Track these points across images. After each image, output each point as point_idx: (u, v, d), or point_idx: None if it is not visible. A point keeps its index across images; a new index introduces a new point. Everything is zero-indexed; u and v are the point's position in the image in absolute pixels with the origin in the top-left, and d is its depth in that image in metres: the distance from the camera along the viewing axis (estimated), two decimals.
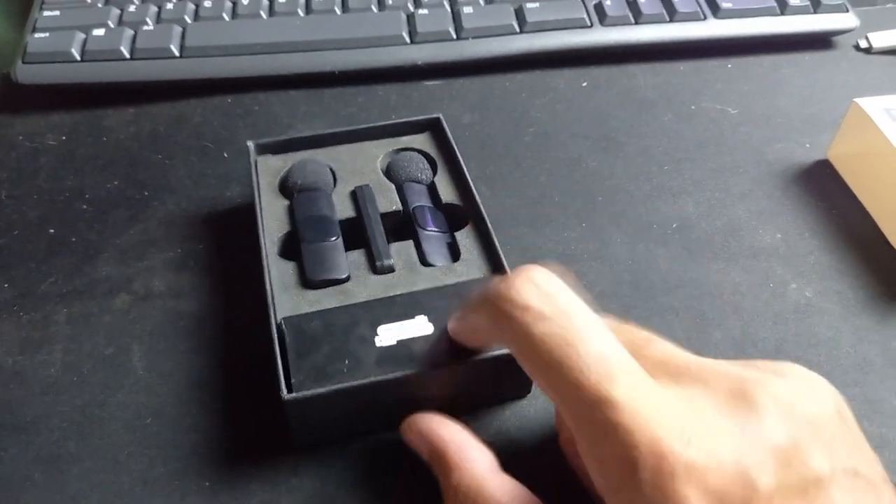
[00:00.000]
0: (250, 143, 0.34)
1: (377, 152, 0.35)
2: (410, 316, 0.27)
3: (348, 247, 0.30)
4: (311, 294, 0.29)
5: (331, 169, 0.34)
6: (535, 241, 0.34)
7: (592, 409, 0.18)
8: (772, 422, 0.19)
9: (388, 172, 0.34)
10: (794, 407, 0.19)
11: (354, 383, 0.25)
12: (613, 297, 0.32)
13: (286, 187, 0.33)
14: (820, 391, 0.20)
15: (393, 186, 0.33)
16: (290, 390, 0.25)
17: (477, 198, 0.32)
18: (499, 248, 0.30)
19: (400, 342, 0.26)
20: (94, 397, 0.29)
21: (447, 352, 0.26)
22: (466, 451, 0.23)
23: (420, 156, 0.35)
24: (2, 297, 0.33)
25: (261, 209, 0.31)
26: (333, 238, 0.30)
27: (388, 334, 0.26)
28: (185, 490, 0.26)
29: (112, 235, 0.35)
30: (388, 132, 0.35)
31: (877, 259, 0.33)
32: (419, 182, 0.34)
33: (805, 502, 0.18)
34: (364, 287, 0.29)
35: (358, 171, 0.34)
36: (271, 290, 0.28)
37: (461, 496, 0.22)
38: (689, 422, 0.18)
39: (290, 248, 0.31)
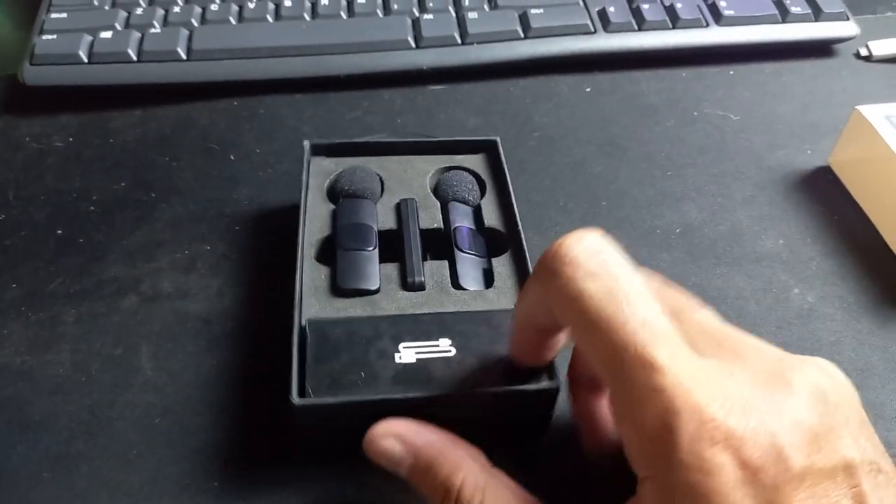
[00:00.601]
0: (306, 143, 0.34)
1: (428, 167, 0.34)
2: (434, 337, 0.26)
3: (383, 258, 0.30)
4: (339, 301, 0.28)
5: (380, 178, 0.33)
6: (540, 245, 0.34)
7: (634, 371, 0.19)
8: (806, 405, 0.19)
9: (437, 189, 0.34)
10: (826, 394, 0.19)
11: (367, 398, 0.24)
12: None
13: (333, 191, 0.33)
14: (847, 387, 0.21)
15: (438, 204, 0.33)
16: (301, 395, 0.25)
17: (520, 227, 0.31)
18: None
19: (420, 361, 0.26)
20: (102, 397, 0.29)
21: (467, 379, 0.25)
22: (462, 449, 0.23)
23: (471, 176, 0.34)
24: (10, 296, 0.33)
25: (305, 210, 0.31)
26: (370, 248, 0.30)
27: (409, 352, 0.26)
28: (194, 490, 0.26)
29: (119, 237, 0.35)
30: (443, 149, 0.35)
31: (878, 265, 0.34)
32: (465, 203, 0.33)
33: (834, 485, 0.18)
34: (392, 301, 0.29)
35: (406, 184, 0.34)
36: (301, 291, 0.28)
37: (465, 496, 0.21)
38: (730, 393, 0.18)
39: (327, 253, 0.30)
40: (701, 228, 0.35)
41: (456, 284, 0.29)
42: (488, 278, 0.30)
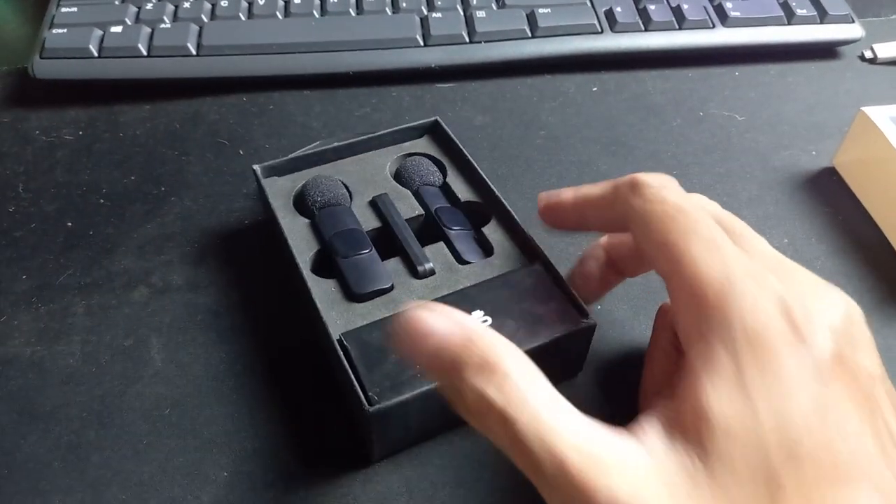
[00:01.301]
0: (257, 168, 0.33)
1: (383, 161, 0.35)
2: (467, 312, 0.27)
3: (382, 257, 0.30)
4: (360, 307, 0.28)
5: (343, 183, 0.34)
6: (547, 242, 0.35)
7: (701, 256, 0.22)
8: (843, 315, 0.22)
9: (400, 179, 0.34)
10: (857, 319, 0.22)
11: (434, 385, 0.24)
12: (624, 298, 0.33)
13: (303, 206, 0.33)
14: (855, 311, 0.23)
15: (408, 192, 0.33)
16: (370, 403, 0.24)
17: (496, 192, 0.32)
18: (530, 235, 0.30)
19: None
20: (113, 387, 0.29)
21: (514, 337, 0.25)
22: (501, 337, 0.21)
23: (427, 159, 0.35)
24: (20, 288, 0.33)
25: (285, 231, 0.31)
26: (367, 250, 0.30)
27: None
28: (203, 479, 0.27)
29: (129, 229, 0.35)
30: (388, 141, 0.36)
31: (882, 264, 0.34)
32: (433, 185, 0.34)
33: (858, 386, 0.20)
34: (410, 293, 0.29)
35: (370, 182, 0.34)
36: (319, 308, 0.28)
37: (510, 385, 0.19)
38: (781, 285, 0.21)
39: (323, 266, 0.31)
40: None
41: (461, 261, 0.30)
42: (485, 248, 0.31)
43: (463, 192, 0.34)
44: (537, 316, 0.27)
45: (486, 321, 0.27)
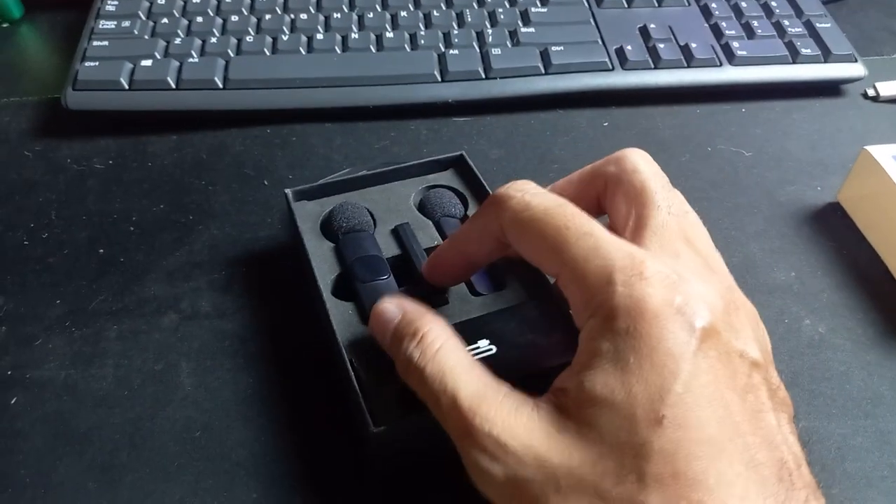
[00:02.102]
0: (288, 192, 0.35)
1: (408, 191, 0.36)
2: (473, 340, 0.28)
3: (399, 284, 0.32)
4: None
5: (368, 210, 0.35)
6: None
7: (580, 242, 0.23)
8: (725, 297, 0.23)
9: (422, 210, 0.36)
10: (744, 308, 0.24)
11: None
12: None
13: (329, 230, 0.34)
14: (742, 303, 0.25)
15: (429, 223, 0.35)
16: (375, 424, 0.26)
17: None
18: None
19: None
20: (144, 411, 0.30)
21: (513, 366, 0.27)
22: (438, 317, 0.26)
23: (450, 192, 0.36)
24: (54, 313, 0.34)
25: (310, 253, 0.33)
26: (385, 276, 0.31)
27: None
28: (233, 501, 0.28)
29: (159, 257, 0.37)
30: (415, 172, 0.37)
31: (886, 297, 0.35)
32: (454, 216, 0.35)
33: (729, 363, 0.22)
34: None
35: (394, 211, 0.35)
36: (335, 330, 0.29)
37: (427, 340, 0.24)
38: (664, 259, 0.23)
39: (343, 289, 0.32)
40: None
41: (473, 292, 0.31)
42: (498, 281, 0.32)
43: None
44: (540, 346, 0.28)
45: (490, 350, 0.28)
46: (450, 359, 0.24)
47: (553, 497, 0.21)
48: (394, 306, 0.26)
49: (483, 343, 0.28)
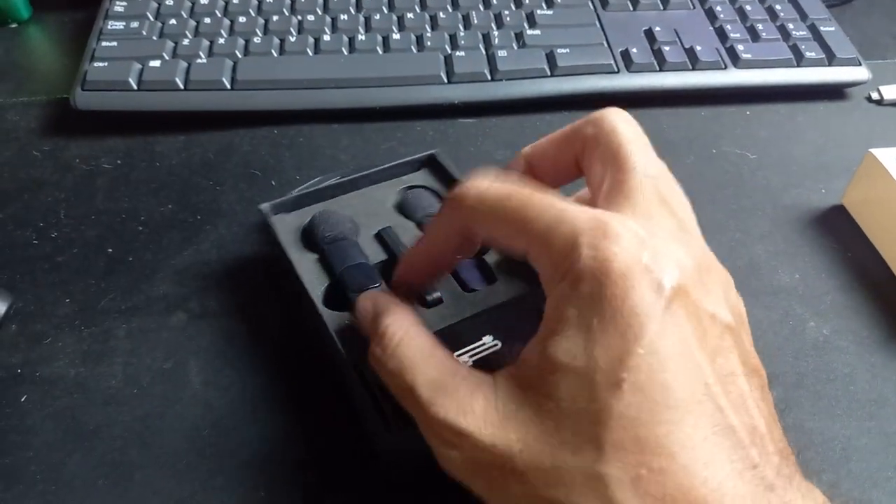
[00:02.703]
0: (264, 207, 0.34)
1: (386, 194, 0.36)
2: (477, 338, 0.28)
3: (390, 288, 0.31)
4: None
5: (350, 217, 0.34)
6: None
7: (545, 214, 0.22)
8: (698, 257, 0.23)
9: (402, 211, 0.35)
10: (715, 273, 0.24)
11: None
12: None
13: (311, 241, 0.33)
14: (714, 266, 0.24)
15: (411, 224, 0.35)
16: (388, 431, 0.26)
17: None
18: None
19: (476, 362, 0.27)
20: (153, 408, 0.31)
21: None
22: (401, 306, 0.26)
23: (427, 192, 0.36)
24: (63, 311, 0.34)
25: (296, 266, 0.32)
26: (377, 284, 0.31)
27: (464, 358, 0.27)
28: (241, 499, 0.28)
29: (167, 256, 0.37)
30: (388, 175, 0.37)
31: (890, 300, 0.35)
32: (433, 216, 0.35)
33: (699, 324, 0.21)
34: None
35: (374, 215, 0.35)
36: (336, 341, 0.29)
37: (388, 335, 0.24)
38: (631, 221, 0.22)
39: (334, 299, 0.31)
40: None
41: (466, 288, 0.31)
42: (488, 275, 0.32)
43: None
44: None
45: (495, 345, 0.28)
46: (408, 351, 0.24)
47: (510, 477, 0.21)
48: (368, 303, 0.27)
49: (487, 339, 0.28)
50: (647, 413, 0.20)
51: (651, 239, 0.21)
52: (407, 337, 0.24)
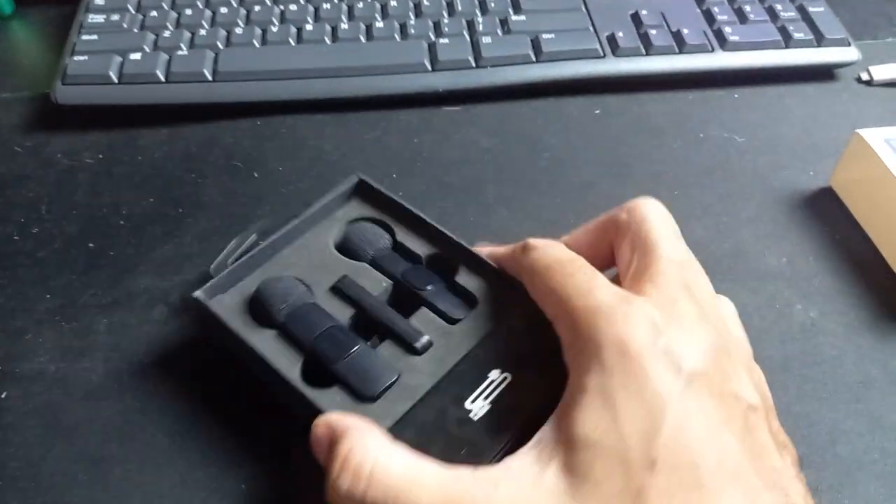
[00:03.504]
0: (198, 294, 0.30)
1: (324, 239, 0.33)
2: (483, 376, 0.26)
3: (368, 343, 0.29)
4: (376, 407, 0.26)
5: (297, 279, 0.31)
6: None
7: (573, 290, 0.24)
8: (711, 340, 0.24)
9: (349, 254, 0.32)
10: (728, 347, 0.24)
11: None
12: None
13: (264, 317, 0.30)
14: (735, 347, 0.25)
15: (365, 265, 0.32)
16: None
17: (454, 237, 0.31)
18: (506, 272, 0.29)
19: (493, 403, 0.25)
20: (134, 403, 0.31)
21: (538, 385, 0.26)
22: (363, 426, 0.23)
23: (368, 224, 0.33)
24: (44, 306, 0.34)
25: (261, 351, 0.28)
26: (357, 346, 0.28)
27: (479, 403, 0.26)
28: (222, 493, 0.28)
29: (148, 250, 0.37)
30: (318, 216, 0.33)
31: (878, 282, 0.35)
32: (386, 249, 0.32)
33: (723, 404, 0.22)
34: (417, 373, 0.27)
35: (321, 268, 0.31)
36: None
37: (352, 463, 0.22)
38: (650, 303, 0.23)
39: (313, 377, 0.28)
40: (707, 246, 0.37)
41: (450, 320, 0.29)
42: (468, 298, 0.30)
43: (418, 246, 0.32)
44: (548, 353, 0.26)
45: (505, 378, 0.26)
46: (390, 476, 0.21)
47: None
48: (321, 428, 0.24)
49: (494, 374, 0.26)
50: (683, 491, 0.20)
51: (668, 325, 0.22)
52: (382, 457, 0.22)
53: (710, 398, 0.21)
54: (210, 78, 0.43)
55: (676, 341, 0.22)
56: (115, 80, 0.43)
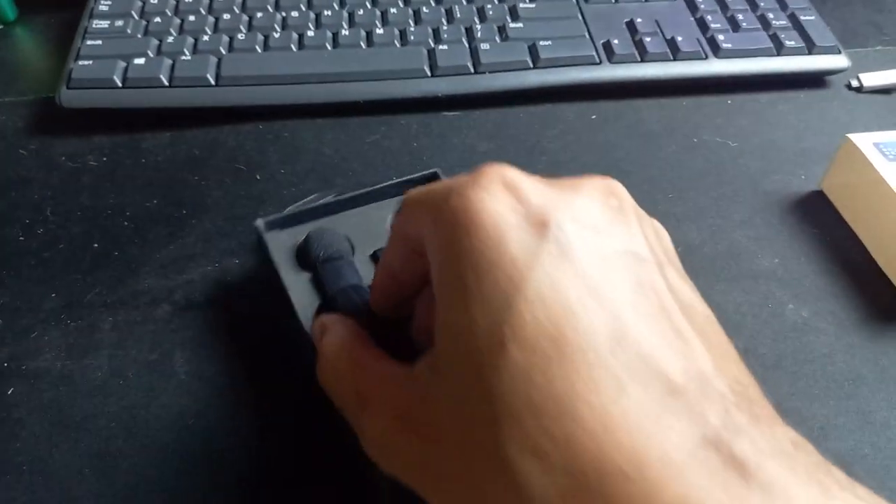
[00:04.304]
0: (259, 222, 0.33)
1: (384, 214, 0.35)
2: None
3: None
4: None
5: (346, 236, 0.34)
6: None
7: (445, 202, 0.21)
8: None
9: None
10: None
11: None
12: None
13: (305, 259, 0.33)
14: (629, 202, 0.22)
15: None
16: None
17: None
18: None
19: None
20: (139, 399, 0.31)
21: None
22: (346, 320, 0.26)
23: None
24: (49, 305, 0.35)
25: (287, 286, 0.31)
26: (364, 308, 0.29)
27: None
28: (226, 485, 0.28)
29: (152, 250, 0.37)
30: (388, 193, 0.36)
31: (868, 283, 0.36)
32: None
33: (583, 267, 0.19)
34: None
35: (372, 235, 0.34)
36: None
37: (323, 358, 0.25)
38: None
39: None
40: (701, 248, 0.38)
41: None
42: None
43: None
44: None
45: None
46: (338, 365, 0.25)
47: (430, 483, 0.20)
48: (317, 325, 0.27)
49: None
50: (539, 371, 0.17)
51: (524, 181, 0.19)
52: (342, 350, 0.25)
53: (584, 256, 0.18)
54: (213, 82, 0.44)
55: (536, 194, 0.19)
56: (120, 85, 0.44)
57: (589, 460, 0.16)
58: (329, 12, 0.48)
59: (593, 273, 0.18)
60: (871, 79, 0.48)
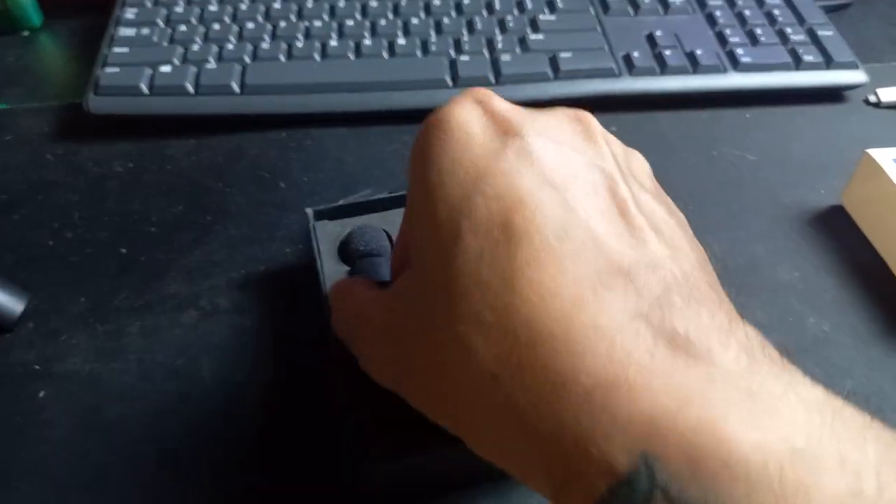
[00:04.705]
0: (309, 211, 0.35)
1: None
2: None
3: None
4: None
5: (387, 234, 0.35)
6: None
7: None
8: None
9: None
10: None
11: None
12: None
13: (346, 253, 0.34)
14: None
15: None
16: (370, 459, 0.25)
17: None
18: None
19: None
20: (167, 404, 0.31)
21: None
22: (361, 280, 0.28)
23: None
24: (77, 309, 0.35)
25: (324, 277, 0.32)
26: None
27: None
28: (258, 488, 0.29)
29: (178, 256, 0.38)
30: None
31: (887, 296, 0.36)
32: None
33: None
34: None
35: None
36: (342, 359, 0.27)
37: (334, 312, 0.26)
38: None
39: None
40: (722, 260, 0.38)
41: None
42: None
43: None
44: None
45: None
46: (344, 311, 0.26)
47: (412, 383, 0.21)
48: (334, 288, 0.28)
49: None
50: (489, 257, 0.18)
51: (501, 100, 0.22)
52: (347, 293, 0.26)
53: (544, 158, 0.20)
54: (238, 91, 0.45)
55: (504, 108, 0.21)
56: (146, 92, 0.44)
57: (521, 323, 0.17)
58: (352, 22, 0.49)
59: (551, 174, 0.19)
60: (889, 94, 0.48)
